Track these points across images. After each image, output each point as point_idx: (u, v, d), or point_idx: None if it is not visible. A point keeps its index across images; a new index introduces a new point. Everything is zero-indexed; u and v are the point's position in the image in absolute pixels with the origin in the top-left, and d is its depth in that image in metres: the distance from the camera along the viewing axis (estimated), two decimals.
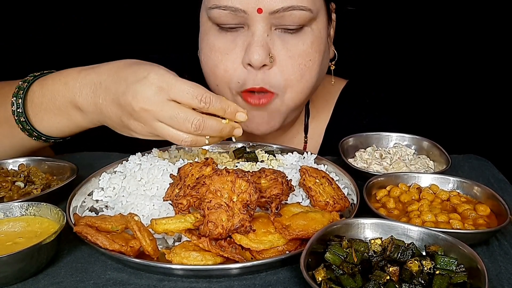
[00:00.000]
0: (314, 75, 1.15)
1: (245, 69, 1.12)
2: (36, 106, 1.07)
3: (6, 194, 0.98)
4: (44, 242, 0.76)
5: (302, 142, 1.38)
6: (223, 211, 0.80)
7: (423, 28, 2.25)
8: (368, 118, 1.36)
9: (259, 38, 1.08)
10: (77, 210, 0.95)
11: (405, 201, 0.95)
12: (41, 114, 1.07)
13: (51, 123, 1.08)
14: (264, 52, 1.07)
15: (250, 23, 1.08)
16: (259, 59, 1.07)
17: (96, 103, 1.00)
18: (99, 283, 0.76)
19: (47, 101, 1.06)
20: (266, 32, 1.08)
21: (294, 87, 1.14)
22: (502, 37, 2.20)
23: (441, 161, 1.14)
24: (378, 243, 0.76)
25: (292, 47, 1.11)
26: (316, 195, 0.90)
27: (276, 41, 1.10)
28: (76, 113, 1.05)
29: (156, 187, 0.95)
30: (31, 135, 1.09)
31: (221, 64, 1.13)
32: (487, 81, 2.27)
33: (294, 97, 1.16)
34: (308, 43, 1.12)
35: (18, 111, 1.07)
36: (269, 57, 1.08)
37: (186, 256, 0.77)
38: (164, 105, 0.91)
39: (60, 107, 1.06)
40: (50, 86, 1.07)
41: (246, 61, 1.10)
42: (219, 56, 1.13)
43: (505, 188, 1.08)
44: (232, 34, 1.11)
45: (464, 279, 0.69)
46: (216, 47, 1.13)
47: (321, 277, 0.69)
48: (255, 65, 1.08)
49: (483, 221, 0.87)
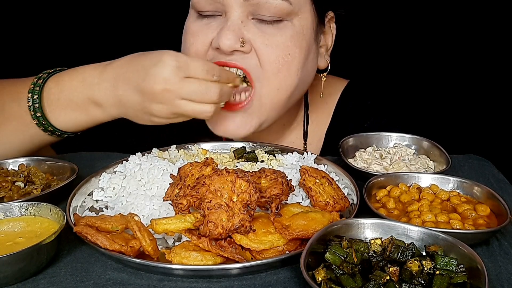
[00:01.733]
0: (293, 72, 1.11)
1: (215, 52, 1.11)
2: (53, 102, 1.09)
3: (6, 194, 0.98)
4: (44, 242, 0.76)
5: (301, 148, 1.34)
6: (223, 211, 0.80)
7: (423, 29, 2.25)
8: (370, 121, 1.34)
9: (231, 23, 1.08)
10: (77, 210, 0.95)
11: (405, 201, 0.95)
12: (58, 110, 1.10)
13: (68, 118, 1.10)
14: (234, 36, 1.06)
15: (227, 10, 1.09)
16: (227, 43, 1.06)
17: (116, 95, 1.03)
18: (99, 283, 0.76)
19: (64, 97, 1.09)
20: (240, 19, 1.08)
21: (270, 80, 1.11)
22: (502, 37, 2.20)
23: (441, 161, 1.14)
24: (378, 243, 0.76)
25: (270, 37, 1.09)
26: (316, 195, 0.90)
27: (252, 28, 1.09)
28: (95, 108, 1.08)
29: (156, 187, 0.95)
30: (46, 130, 1.10)
31: (192, 46, 1.14)
32: (487, 81, 2.27)
33: (269, 93, 1.12)
34: (287, 36, 1.09)
35: (35, 107, 1.08)
36: (240, 42, 1.07)
37: (186, 256, 0.77)
38: (184, 82, 0.96)
39: (78, 103, 1.08)
40: (67, 82, 1.09)
41: (215, 44, 1.10)
42: (191, 39, 1.15)
43: (505, 188, 1.08)
44: (209, 19, 1.13)
45: (464, 279, 0.69)
46: (190, 30, 1.15)
47: (321, 277, 0.69)
48: (224, 49, 1.07)
49: (483, 221, 0.87)
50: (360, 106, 1.36)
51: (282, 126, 1.31)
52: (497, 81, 2.26)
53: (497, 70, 2.24)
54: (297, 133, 1.35)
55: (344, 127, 1.33)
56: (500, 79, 2.25)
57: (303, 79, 1.16)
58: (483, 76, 2.27)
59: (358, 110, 1.36)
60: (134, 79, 1.00)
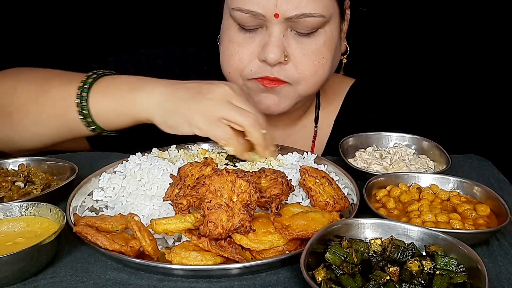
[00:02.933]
0: (326, 70, 1.23)
1: (260, 63, 1.19)
2: (100, 88, 1.13)
3: (6, 194, 0.98)
4: (44, 242, 0.76)
5: (312, 132, 1.44)
6: (223, 211, 0.80)
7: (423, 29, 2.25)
8: (376, 112, 1.44)
9: (275, 39, 1.16)
10: (77, 210, 0.94)
11: (405, 201, 0.95)
12: (100, 96, 1.12)
13: (102, 104, 1.12)
14: (279, 51, 1.15)
15: (268, 25, 1.16)
16: (274, 58, 1.15)
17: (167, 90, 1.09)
18: (99, 283, 0.76)
19: (112, 84, 1.14)
20: (282, 33, 1.17)
21: (308, 80, 1.21)
22: (502, 37, 2.20)
23: (441, 161, 1.14)
24: (378, 243, 0.76)
25: (306, 47, 1.19)
26: (316, 195, 0.90)
27: (291, 41, 1.18)
28: (133, 94, 1.10)
29: (156, 187, 0.95)
30: (81, 113, 1.12)
31: (237, 54, 1.21)
32: (487, 81, 2.27)
33: (306, 88, 1.23)
34: (321, 43, 1.20)
35: (85, 87, 1.12)
36: (284, 56, 1.16)
37: (186, 256, 0.77)
38: (236, 106, 1.05)
39: (121, 89, 1.12)
40: (124, 78, 1.16)
41: (262, 57, 1.18)
42: (236, 48, 1.21)
43: (505, 188, 1.08)
44: (251, 32, 1.20)
45: (464, 279, 0.69)
46: (234, 40, 1.21)
47: (321, 277, 0.69)
48: (270, 62, 1.16)
49: (483, 221, 0.87)
50: (367, 99, 1.46)
51: (301, 112, 1.43)
52: (497, 81, 2.26)
53: (497, 70, 2.24)
54: (309, 118, 1.46)
55: (352, 114, 1.45)
56: (500, 79, 2.25)
57: (332, 69, 1.29)
58: (483, 76, 2.26)
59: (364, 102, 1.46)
60: (191, 89, 1.07)
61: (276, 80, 1.20)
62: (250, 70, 1.20)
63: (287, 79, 1.20)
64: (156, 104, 1.07)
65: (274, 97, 1.23)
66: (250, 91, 1.23)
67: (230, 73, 1.24)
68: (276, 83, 1.20)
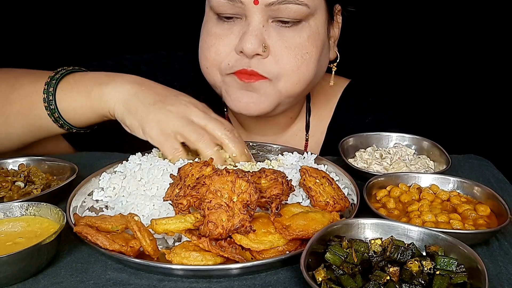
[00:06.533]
0: (311, 68, 1.17)
1: (237, 55, 1.14)
2: (68, 84, 1.12)
3: (6, 194, 0.98)
4: (44, 242, 0.76)
5: (303, 140, 1.39)
6: (223, 211, 0.80)
7: (423, 29, 2.26)
8: (371, 117, 1.38)
9: (254, 28, 1.11)
10: (77, 210, 0.94)
11: (405, 201, 0.95)
12: (67, 91, 1.12)
13: (69, 99, 1.11)
14: (257, 41, 1.10)
15: (247, 14, 1.11)
16: (251, 48, 1.10)
17: (131, 87, 1.09)
18: (99, 283, 0.76)
19: (79, 80, 1.13)
20: (261, 23, 1.11)
21: (289, 76, 1.15)
22: (502, 37, 2.20)
23: (441, 161, 1.14)
24: (378, 243, 0.76)
25: (289, 39, 1.13)
26: (316, 195, 0.90)
27: (272, 32, 1.13)
28: (99, 89, 1.10)
29: (156, 187, 0.95)
30: (48, 108, 1.11)
31: (214, 47, 1.16)
32: (487, 81, 2.27)
33: (288, 86, 1.17)
34: (305, 36, 1.14)
35: (52, 83, 1.11)
36: (263, 47, 1.11)
37: (186, 256, 0.77)
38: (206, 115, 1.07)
39: (87, 84, 1.11)
40: (91, 74, 1.15)
41: (239, 48, 1.13)
42: (213, 40, 1.17)
43: (505, 188, 1.08)
44: (230, 23, 1.15)
45: (464, 280, 0.69)
46: (212, 32, 1.17)
47: (321, 277, 0.69)
48: (247, 53, 1.11)
49: (483, 221, 0.87)
50: (361, 103, 1.40)
51: (289, 118, 1.37)
52: (497, 81, 2.26)
53: (497, 70, 2.24)
54: (300, 125, 1.40)
55: (345, 121, 1.38)
56: (500, 79, 2.25)
57: (318, 72, 1.22)
58: (483, 76, 2.27)
59: (359, 106, 1.40)
60: (157, 94, 1.07)
61: (254, 74, 1.13)
62: (227, 63, 1.15)
63: (266, 74, 1.14)
64: (120, 100, 1.07)
65: (252, 94, 1.16)
66: (228, 88, 1.18)
67: (208, 68, 1.19)
68: (254, 77, 1.14)
